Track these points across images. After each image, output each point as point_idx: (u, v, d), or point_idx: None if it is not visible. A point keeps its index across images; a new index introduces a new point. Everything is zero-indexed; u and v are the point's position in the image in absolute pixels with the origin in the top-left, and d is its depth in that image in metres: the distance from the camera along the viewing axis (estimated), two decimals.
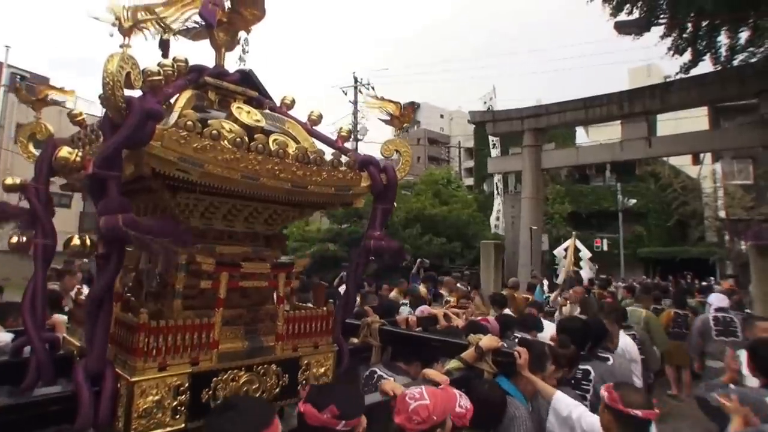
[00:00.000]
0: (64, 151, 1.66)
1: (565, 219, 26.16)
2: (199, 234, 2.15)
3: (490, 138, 19.44)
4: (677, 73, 11.13)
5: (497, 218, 19.98)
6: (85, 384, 1.72)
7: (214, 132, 1.77)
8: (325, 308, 2.61)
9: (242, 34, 2.41)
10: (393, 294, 7.90)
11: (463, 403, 1.88)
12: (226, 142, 1.83)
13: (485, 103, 21.31)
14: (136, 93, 1.79)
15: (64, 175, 2.17)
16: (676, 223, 27.41)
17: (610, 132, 14.08)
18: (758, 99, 10.60)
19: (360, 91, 19.46)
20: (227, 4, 2.25)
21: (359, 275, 2.64)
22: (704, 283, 17.09)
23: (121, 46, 1.54)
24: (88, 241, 1.73)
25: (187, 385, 1.97)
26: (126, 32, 1.55)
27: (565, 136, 25.02)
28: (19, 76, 21.19)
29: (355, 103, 19.73)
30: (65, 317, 3.48)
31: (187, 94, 2.01)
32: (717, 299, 6.71)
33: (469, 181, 33.09)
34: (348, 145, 2.70)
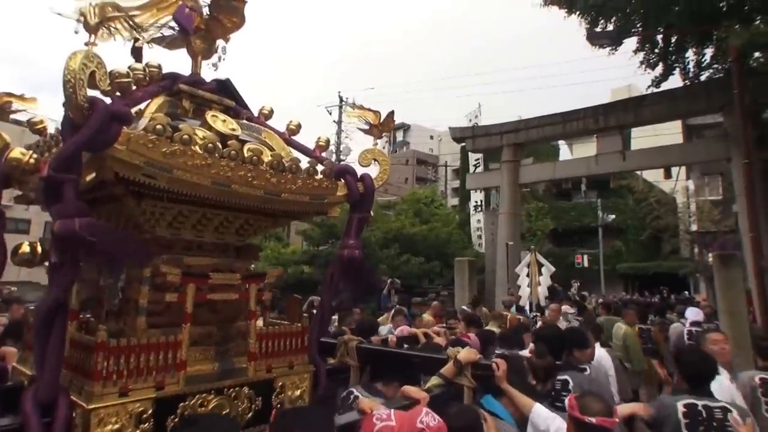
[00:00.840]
0: (16, 152, 1.58)
1: (547, 235, 26.60)
2: (165, 244, 2.06)
3: (471, 156, 19.67)
4: (648, 87, 11.68)
5: (479, 236, 20.09)
6: (34, 414, 1.56)
7: (185, 137, 1.72)
8: (299, 324, 2.54)
9: (220, 42, 2.39)
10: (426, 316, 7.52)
11: (424, 419, 1.82)
12: (197, 147, 1.77)
13: (471, 120, 21.72)
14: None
15: (19, 185, 2.07)
16: (651, 237, 28.26)
17: (592, 149, 14.44)
18: (722, 113, 10.95)
19: (345, 111, 19.63)
20: (205, 11, 2.22)
21: (335, 287, 2.58)
22: (679, 297, 17.61)
23: (86, 44, 1.48)
24: (39, 249, 1.61)
25: (150, 411, 1.84)
26: (92, 30, 1.49)
27: (548, 153, 25.66)
28: None
29: (339, 122, 19.87)
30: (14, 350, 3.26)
31: (159, 100, 1.96)
32: (692, 313, 6.99)
33: (457, 201, 33.46)
34: (328, 149, 2.67)
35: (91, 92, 1.54)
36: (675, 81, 11.44)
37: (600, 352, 4.28)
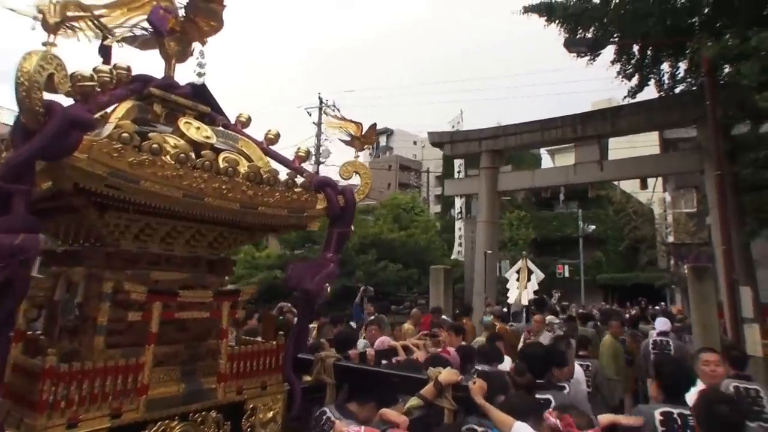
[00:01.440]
0: None
1: (529, 245, 26.87)
2: (130, 258, 1.93)
3: (456, 162, 19.71)
4: (625, 98, 11.70)
5: (460, 244, 20.09)
6: None
7: (155, 146, 1.61)
8: (274, 342, 2.43)
9: (197, 45, 2.27)
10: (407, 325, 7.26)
11: None
12: (168, 157, 1.66)
13: (453, 126, 21.81)
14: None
15: None
16: (629, 248, 28.77)
17: (573, 159, 14.63)
18: (696, 126, 11.14)
19: (325, 113, 19.38)
20: (181, 13, 2.11)
21: (311, 304, 2.48)
22: (656, 308, 17.95)
23: (44, 44, 1.35)
24: None
25: None
26: (51, 29, 1.37)
27: (530, 163, 25.95)
28: None
29: (319, 124, 19.55)
30: None
31: (126, 105, 1.84)
32: (660, 323, 7.18)
33: (440, 209, 33.53)
34: (309, 167, 2.58)
35: (52, 96, 1.42)
36: (652, 93, 11.61)
37: (577, 368, 4.29)
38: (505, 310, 10.51)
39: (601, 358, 6.04)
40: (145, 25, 2.04)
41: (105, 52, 1.92)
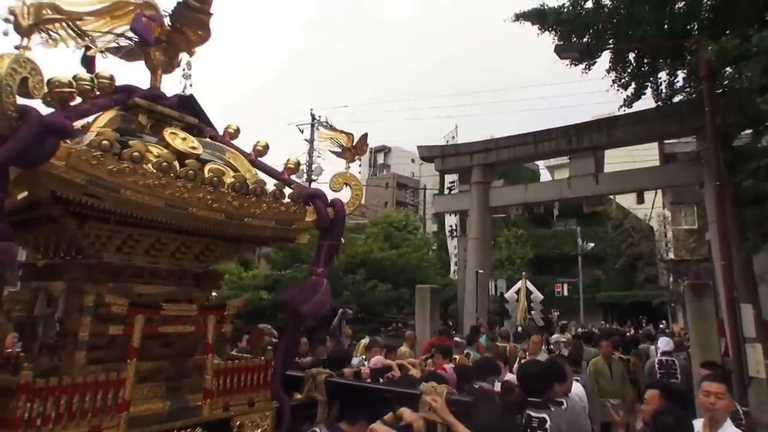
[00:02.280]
0: None
1: (527, 263, 26.49)
2: (112, 271, 1.88)
3: (447, 178, 19.37)
4: (620, 107, 11.21)
5: (455, 263, 19.75)
6: None
7: (136, 154, 1.58)
8: (262, 357, 2.36)
9: (184, 56, 2.27)
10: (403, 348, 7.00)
11: None
12: (149, 165, 1.63)
13: (447, 142, 21.69)
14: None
15: None
16: (628, 265, 28.34)
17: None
18: (695, 137, 10.68)
19: (317, 129, 19.32)
20: (167, 21, 2.10)
21: (299, 321, 2.42)
22: (649, 327, 17.57)
23: (17, 47, 1.34)
24: None
25: None
26: (25, 32, 1.35)
27: (528, 179, 25.73)
28: None
29: (311, 141, 19.38)
30: None
31: (109, 114, 1.82)
32: (662, 343, 7.07)
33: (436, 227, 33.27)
34: (297, 172, 2.55)
35: (30, 103, 1.40)
36: (650, 104, 11.19)
37: (577, 385, 4.20)
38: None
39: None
40: (130, 34, 2.03)
41: (88, 63, 1.91)
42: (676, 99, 10.56)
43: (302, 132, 19.66)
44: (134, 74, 2.20)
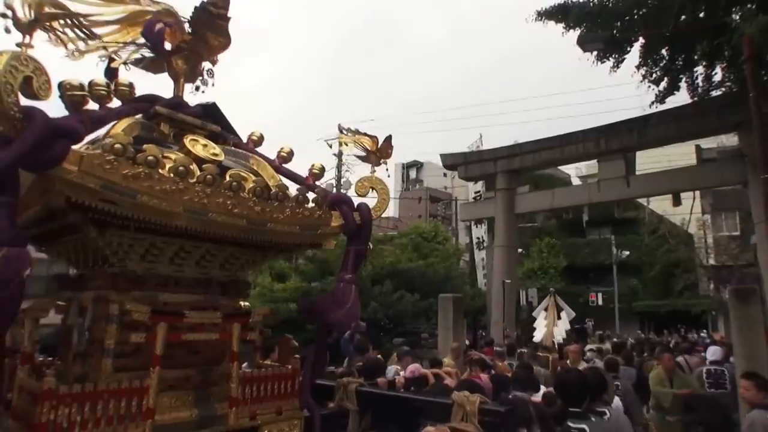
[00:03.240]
0: None
1: (560, 273, 25.33)
2: (136, 280, 1.79)
3: (471, 188, 18.58)
4: (652, 103, 9.67)
5: (485, 274, 19.02)
6: None
7: (150, 158, 1.48)
8: (289, 366, 2.21)
9: (207, 64, 2.18)
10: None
11: None
12: (166, 170, 1.53)
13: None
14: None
15: None
16: (665, 273, 26.21)
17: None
18: (737, 132, 9.52)
19: (345, 144, 19.04)
20: (188, 29, 2.02)
21: (328, 328, 2.26)
22: (700, 336, 16.20)
23: (18, 45, 1.26)
24: None
25: None
26: (26, 29, 1.27)
27: (560, 186, 24.67)
28: None
29: (340, 155, 19.33)
30: None
31: (127, 120, 1.73)
32: (711, 352, 6.47)
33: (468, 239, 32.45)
34: (322, 178, 2.40)
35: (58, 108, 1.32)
36: (683, 100, 9.78)
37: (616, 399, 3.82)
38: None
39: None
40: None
41: (111, 75, 1.84)
42: (715, 94, 9.34)
43: (330, 146, 19.51)
44: (165, 86, 2.13)
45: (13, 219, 1.22)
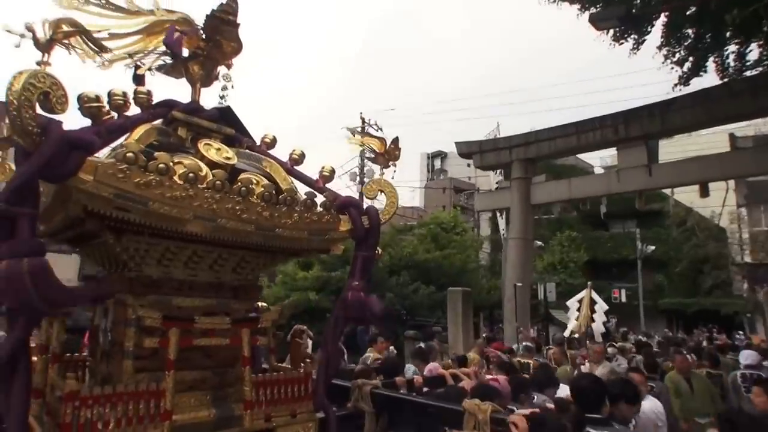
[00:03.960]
0: None
1: (581, 267, 24.55)
2: (151, 284, 1.84)
3: (491, 177, 17.97)
4: (676, 85, 8.87)
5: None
6: None
7: (161, 166, 1.51)
8: (302, 369, 2.23)
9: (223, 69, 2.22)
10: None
11: None
12: (176, 177, 1.56)
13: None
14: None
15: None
16: (693, 269, 24.74)
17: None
18: None
19: (368, 133, 19.02)
20: (202, 35, 2.06)
21: (340, 330, 2.27)
22: (735, 338, 15.41)
23: (38, 63, 1.32)
24: None
25: None
26: (44, 47, 1.32)
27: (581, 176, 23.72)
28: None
29: (362, 144, 19.07)
30: None
31: (144, 127, 1.78)
32: (745, 356, 6.24)
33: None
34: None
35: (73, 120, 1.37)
36: (710, 81, 8.91)
37: (651, 403, 3.69)
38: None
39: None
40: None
41: (139, 80, 1.90)
42: (749, 74, 8.45)
43: (354, 135, 19.44)
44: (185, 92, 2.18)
45: (33, 230, 1.28)
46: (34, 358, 1.89)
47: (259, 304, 2.34)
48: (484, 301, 17.02)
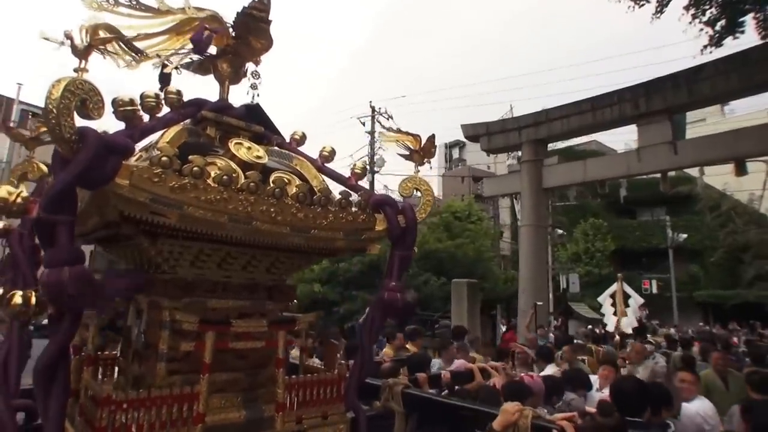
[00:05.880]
0: (3, 191, 1.41)
1: (608, 257, 23.79)
2: (185, 286, 1.83)
3: (508, 164, 17.24)
4: (705, 47, 7.70)
5: None
6: None
7: (196, 169, 1.48)
8: (336, 371, 2.22)
9: (250, 66, 2.18)
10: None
11: None
12: (210, 180, 1.53)
13: None
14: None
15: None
16: (733, 259, 23.10)
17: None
18: None
19: (378, 122, 18.99)
20: (232, 33, 2.03)
21: (376, 330, 2.24)
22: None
23: (75, 70, 1.29)
24: (33, 299, 1.41)
25: None
26: (81, 54, 1.30)
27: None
28: (31, 113, 19.11)
29: (372, 133, 18.52)
30: None
31: (176, 128, 1.76)
32: None
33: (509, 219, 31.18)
34: (365, 177, 2.36)
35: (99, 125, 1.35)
36: (745, 43, 7.72)
37: (699, 404, 3.52)
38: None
39: None
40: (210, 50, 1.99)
41: (165, 79, 1.88)
42: None
43: (364, 125, 19.24)
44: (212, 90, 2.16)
45: (72, 236, 1.27)
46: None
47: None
48: (501, 292, 16.71)
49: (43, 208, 1.24)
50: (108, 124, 1.44)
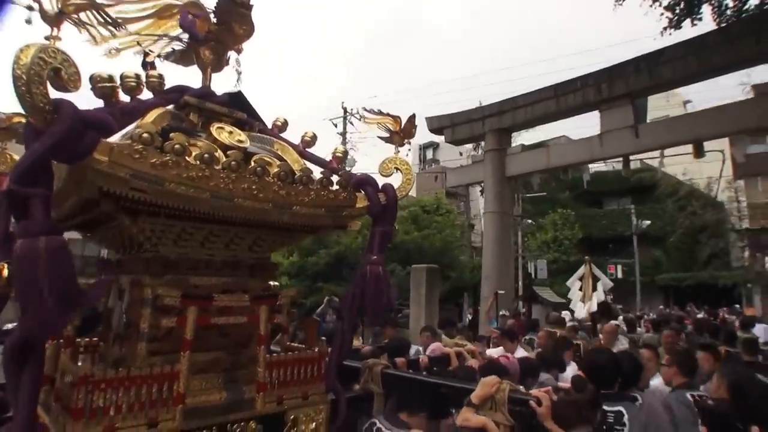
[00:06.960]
0: None
1: (575, 245, 24.46)
2: (168, 264, 1.82)
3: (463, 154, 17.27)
4: (664, 30, 8.02)
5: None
6: None
7: (177, 146, 1.48)
8: (316, 349, 2.23)
9: (233, 54, 2.17)
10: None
11: None
12: (192, 158, 1.53)
13: None
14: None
15: None
16: (691, 241, 24.04)
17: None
18: None
19: (350, 122, 18.98)
20: (213, 19, 2.01)
21: (356, 309, 2.25)
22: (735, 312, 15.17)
23: (47, 38, 1.25)
24: (5, 272, 1.36)
25: None
26: (52, 21, 1.25)
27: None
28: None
29: (344, 134, 18.87)
30: None
31: (157, 111, 1.74)
32: (759, 330, 6.14)
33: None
34: (346, 161, 2.38)
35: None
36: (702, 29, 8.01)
37: (659, 381, 3.70)
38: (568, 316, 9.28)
39: None
40: (183, 37, 1.96)
41: (147, 68, 1.85)
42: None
43: (336, 126, 19.27)
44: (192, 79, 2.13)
45: (47, 210, 1.24)
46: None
47: (272, 283, 2.33)
48: (468, 281, 16.92)
49: (14, 180, 1.19)
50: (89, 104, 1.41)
